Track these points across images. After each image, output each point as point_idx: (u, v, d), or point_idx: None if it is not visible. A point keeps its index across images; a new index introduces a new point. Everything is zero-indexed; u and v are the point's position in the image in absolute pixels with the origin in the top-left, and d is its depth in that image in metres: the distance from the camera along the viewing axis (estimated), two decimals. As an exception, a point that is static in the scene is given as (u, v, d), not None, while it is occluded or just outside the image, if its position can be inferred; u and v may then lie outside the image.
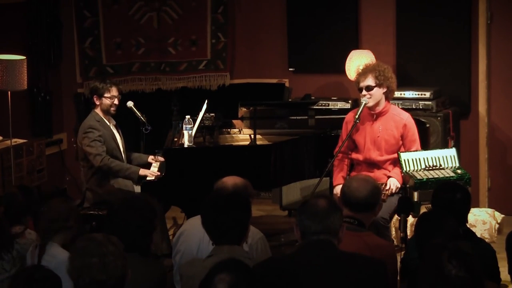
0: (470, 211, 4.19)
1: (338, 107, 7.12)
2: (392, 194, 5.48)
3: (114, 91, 6.10)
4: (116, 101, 6.11)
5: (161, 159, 6.18)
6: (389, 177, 5.58)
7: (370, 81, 5.59)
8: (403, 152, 5.53)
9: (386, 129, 5.62)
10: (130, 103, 6.33)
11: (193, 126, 5.95)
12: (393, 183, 5.53)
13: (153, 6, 7.97)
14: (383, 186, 5.46)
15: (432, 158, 5.51)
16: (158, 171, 6.04)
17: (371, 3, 7.67)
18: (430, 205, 4.43)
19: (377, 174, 5.58)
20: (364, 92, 5.60)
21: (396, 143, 5.63)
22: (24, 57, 6.43)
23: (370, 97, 5.59)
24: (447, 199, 4.05)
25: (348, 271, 3.24)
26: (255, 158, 5.85)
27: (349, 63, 7.25)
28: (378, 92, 5.60)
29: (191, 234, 4.16)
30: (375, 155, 5.63)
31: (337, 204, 3.42)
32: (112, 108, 6.10)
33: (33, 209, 4.95)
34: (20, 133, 6.91)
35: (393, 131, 5.62)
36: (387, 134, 5.62)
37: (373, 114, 5.66)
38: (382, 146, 5.63)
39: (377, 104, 5.63)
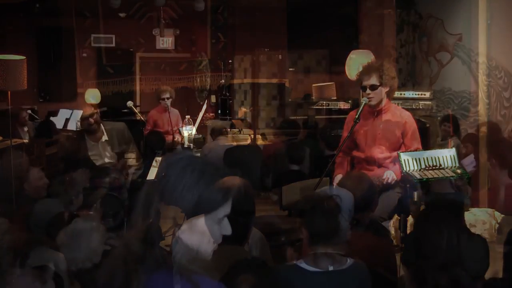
0: (470, 211, 4.20)
1: (338, 107, 7.12)
2: (387, 189, 5.47)
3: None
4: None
5: None
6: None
7: (374, 80, 5.58)
8: (403, 152, 5.53)
9: (387, 127, 5.62)
10: (130, 103, 6.34)
11: (193, 126, 5.96)
12: (390, 174, 5.52)
13: (153, 6, 7.97)
14: (380, 177, 5.45)
15: (432, 158, 5.50)
16: (157, 171, 6.03)
17: (371, 3, 7.67)
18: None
19: (377, 172, 5.58)
20: (368, 91, 5.59)
21: (397, 140, 5.63)
22: (24, 57, 6.42)
23: (374, 97, 5.59)
24: (441, 197, 4.05)
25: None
26: (255, 158, 5.84)
27: (349, 63, 7.25)
28: (382, 92, 5.60)
29: (191, 234, 4.15)
30: (376, 153, 5.63)
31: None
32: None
33: None
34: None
35: (394, 129, 5.62)
36: (388, 132, 5.62)
37: (374, 112, 5.66)
38: (383, 144, 5.62)
39: (379, 102, 5.63)
